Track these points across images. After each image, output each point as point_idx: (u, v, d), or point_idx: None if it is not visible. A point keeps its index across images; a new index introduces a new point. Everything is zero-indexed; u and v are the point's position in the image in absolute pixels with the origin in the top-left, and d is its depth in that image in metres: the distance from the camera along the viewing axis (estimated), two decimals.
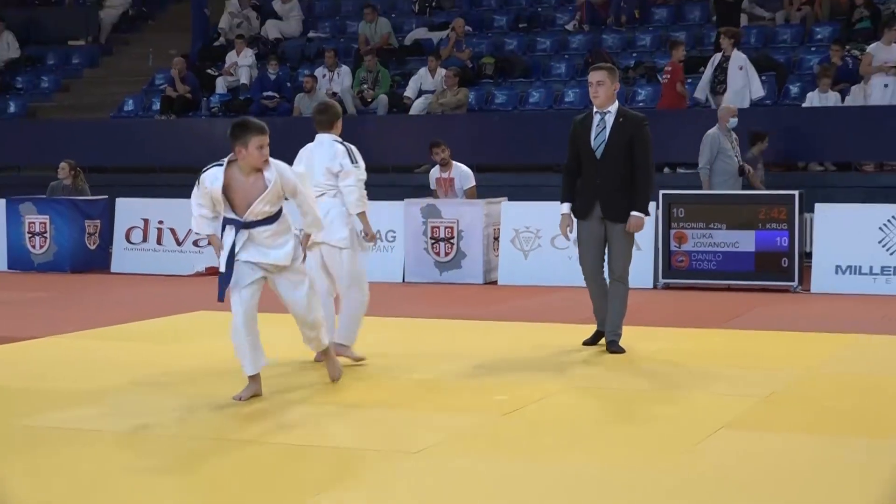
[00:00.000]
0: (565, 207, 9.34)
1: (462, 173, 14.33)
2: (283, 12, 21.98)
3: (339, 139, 8.93)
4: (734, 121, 14.45)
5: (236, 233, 7.54)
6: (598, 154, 9.20)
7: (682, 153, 16.35)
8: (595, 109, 9.30)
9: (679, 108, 16.91)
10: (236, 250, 7.53)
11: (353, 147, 8.89)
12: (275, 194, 7.55)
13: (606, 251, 9.31)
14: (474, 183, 14.36)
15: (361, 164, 8.83)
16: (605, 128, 9.23)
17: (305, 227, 7.93)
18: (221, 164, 7.53)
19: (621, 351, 9.20)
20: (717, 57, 16.93)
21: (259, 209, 7.52)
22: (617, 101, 9.36)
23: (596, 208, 9.22)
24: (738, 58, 16.79)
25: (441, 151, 14.22)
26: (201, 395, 7.86)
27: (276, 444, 6.59)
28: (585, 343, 9.44)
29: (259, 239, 7.60)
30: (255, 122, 7.58)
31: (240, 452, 6.41)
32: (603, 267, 9.37)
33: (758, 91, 16.77)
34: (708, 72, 17.00)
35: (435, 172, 14.52)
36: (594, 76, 9.33)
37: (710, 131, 14.27)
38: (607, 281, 9.34)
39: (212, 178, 7.52)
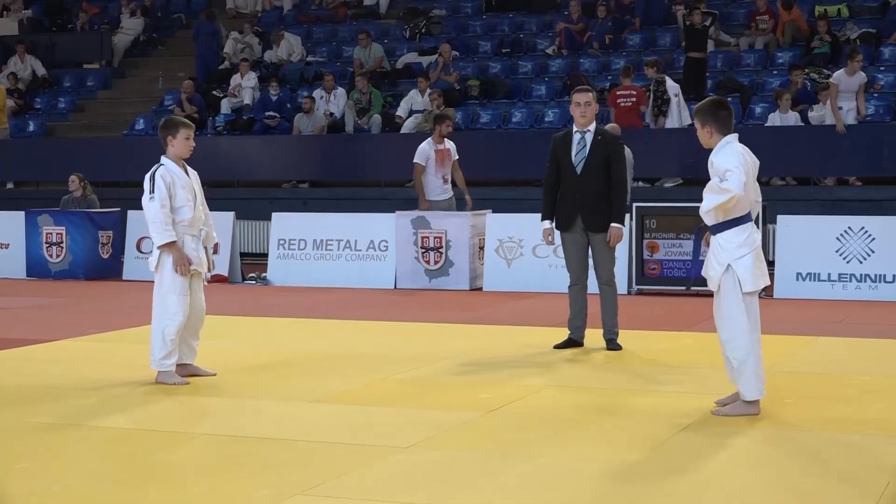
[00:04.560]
0: (546, 224, 9.29)
1: (453, 147, 14.19)
2: (277, 40, 21.98)
3: (166, 161, 8.04)
4: None
5: None
6: (579, 170, 9.15)
7: (655, 169, 16.37)
8: (576, 128, 9.23)
9: (637, 128, 16.83)
10: None
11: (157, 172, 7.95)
12: None
13: (591, 259, 9.30)
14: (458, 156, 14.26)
15: (157, 193, 7.89)
16: (585, 145, 9.17)
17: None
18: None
19: (619, 348, 9.25)
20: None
21: None
22: (595, 121, 9.33)
23: (578, 220, 9.19)
24: (671, 88, 16.91)
25: (450, 125, 14.19)
26: (201, 393, 7.85)
27: (271, 440, 6.52)
28: (556, 347, 9.39)
29: None
30: None
31: (235, 448, 6.35)
32: (588, 273, 9.37)
33: (687, 121, 16.46)
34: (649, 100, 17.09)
35: (432, 146, 14.06)
36: (583, 97, 9.17)
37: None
38: (596, 286, 9.34)
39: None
